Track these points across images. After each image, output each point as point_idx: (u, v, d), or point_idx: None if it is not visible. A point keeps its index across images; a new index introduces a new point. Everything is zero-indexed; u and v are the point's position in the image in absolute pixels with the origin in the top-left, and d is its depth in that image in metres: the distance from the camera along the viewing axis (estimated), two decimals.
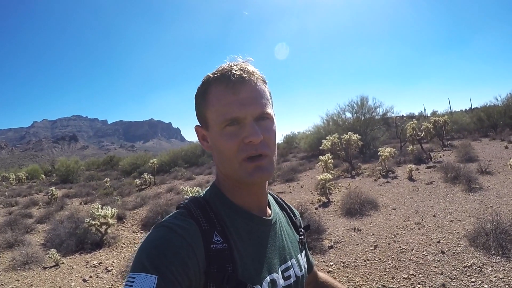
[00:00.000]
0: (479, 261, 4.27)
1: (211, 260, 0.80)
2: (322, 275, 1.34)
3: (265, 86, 0.91)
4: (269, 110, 0.88)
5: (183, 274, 0.74)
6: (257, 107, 0.86)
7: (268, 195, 1.05)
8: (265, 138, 0.86)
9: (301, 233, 1.13)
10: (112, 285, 5.23)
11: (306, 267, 1.08)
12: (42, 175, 30.65)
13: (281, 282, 0.92)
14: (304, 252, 1.12)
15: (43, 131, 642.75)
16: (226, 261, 0.81)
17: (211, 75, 0.89)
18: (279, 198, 1.16)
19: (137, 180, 17.29)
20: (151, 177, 17.00)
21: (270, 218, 0.99)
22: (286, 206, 1.15)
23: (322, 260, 5.11)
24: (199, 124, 0.96)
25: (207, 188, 0.99)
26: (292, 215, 1.15)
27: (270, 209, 1.03)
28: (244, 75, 0.85)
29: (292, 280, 0.97)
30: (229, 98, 0.84)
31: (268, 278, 0.89)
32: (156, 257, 0.74)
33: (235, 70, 0.85)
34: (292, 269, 0.99)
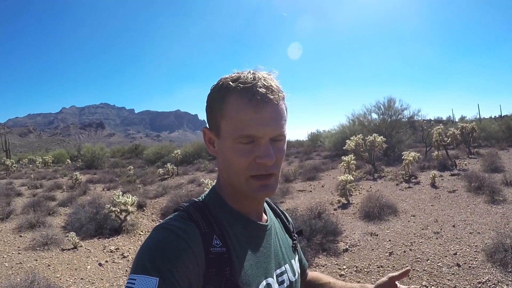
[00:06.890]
0: (495, 278, 4.12)
1: (210, 263, 0.80)
2: (310, 273, 1.35)
3: (284, 104, 0.90)
4: (285, 131, 0.88)
5: (184, 277, 0.75)
6: (275, 128, 0.84)
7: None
8: (276, 159, 0.86)
9: (294, 238, 1.15)
10: (126, 271, 5.36)
11: (299, 272, 1.09)
12: (68, 160, 31.71)
13: (276, 286, 0.94)
14: (297, 257, 1.13)
15: (71, 117, 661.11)
16: (224, 264, 0.82)
17: (232, 83, 0.84)
18: (273, 204, 1.17)
19: (160, 169, 17.60)
20: (174, 167, 17.28)
21: (266, 224, 1.00)
22: (280, 212, 1.17)
23: (336, 262, 5.07)
24: (207, 126, 0.93)
25: (206, 192, 0.99)
26: (286, 221, 1.17)
27: (266, 215, 1.05)
28: (269, 95, 0.82)
29: (285, 285, 0.98)
30: (249, 115, 0.82)
31: (264, 282, 0.90)
32: (158, 259, 0.74)
33: (260, 87, 0.82)
34: (286, 274, 1.00)
